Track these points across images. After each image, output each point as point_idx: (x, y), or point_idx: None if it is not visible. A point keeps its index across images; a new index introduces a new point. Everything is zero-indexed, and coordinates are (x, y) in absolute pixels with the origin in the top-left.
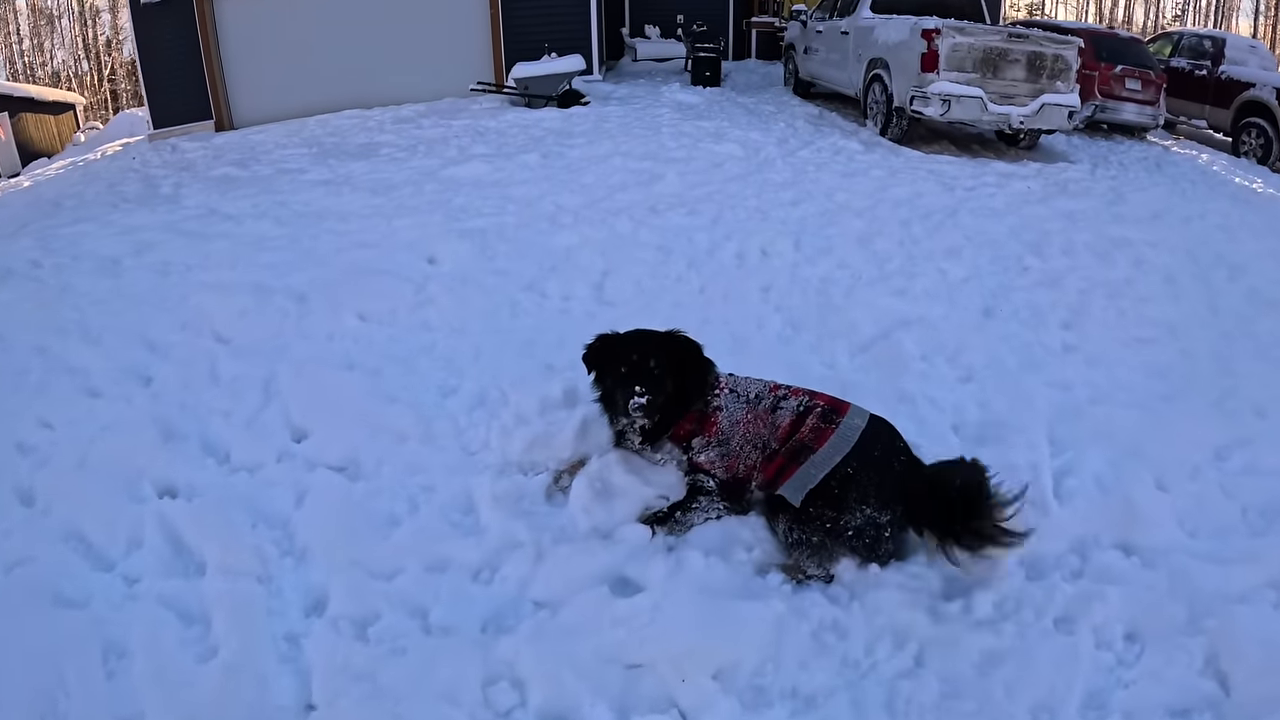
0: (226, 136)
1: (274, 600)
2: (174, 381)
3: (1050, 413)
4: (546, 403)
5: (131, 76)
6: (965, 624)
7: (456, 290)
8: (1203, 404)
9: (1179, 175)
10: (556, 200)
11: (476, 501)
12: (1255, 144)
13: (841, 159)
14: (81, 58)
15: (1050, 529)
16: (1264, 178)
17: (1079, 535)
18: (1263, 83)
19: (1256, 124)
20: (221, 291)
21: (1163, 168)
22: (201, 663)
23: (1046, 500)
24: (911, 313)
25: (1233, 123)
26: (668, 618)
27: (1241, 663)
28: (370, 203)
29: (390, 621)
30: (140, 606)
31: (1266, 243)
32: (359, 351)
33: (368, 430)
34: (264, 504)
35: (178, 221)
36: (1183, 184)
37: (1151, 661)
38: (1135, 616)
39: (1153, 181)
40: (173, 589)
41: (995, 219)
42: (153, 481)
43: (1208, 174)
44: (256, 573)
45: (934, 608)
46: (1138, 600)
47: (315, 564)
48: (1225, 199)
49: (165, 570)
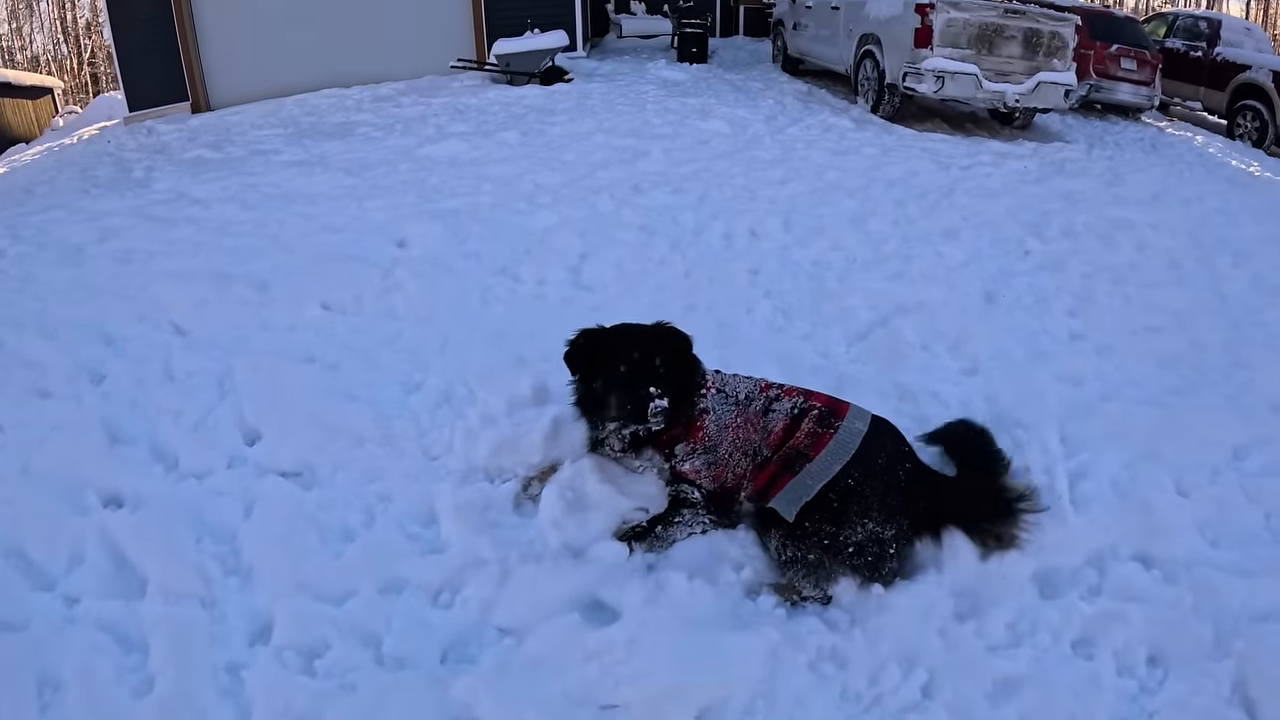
0: (203, 118)
1: (216, 626)
2: (127, 378)
3: (1061, 409)
4: (515, 401)
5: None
6: (978, 649)
7: (425, 275)
8: (1217, 399)
9: (1175, 157)
10: (535, 179)
11: (438, 512)
12: (1250, 127)
13: (832, 137)
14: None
15: (1067, 540)
16: (1260, 161)
17: (1096, 547)
18: (1259, 65)
19: (1252, 106)
20: (181, 280)
21: (1159, 149)
22: (138, 697)
23: (1063, 509)
24: (910, 298)
25: (1228, 105)
26: (646, 651)
27: (1271, 689)
28: (342, 183)
29: (340, 653)
30: (78, 631)
31: (1268, 228)
32: (320, 343)
33: (323, 432)
34: (211, 515)
35: (145, 206)
36: (1179, 166)
37: (1176, 689)
38: (1158, 638)
39: (1150, 162)
40: (112, 611)
41: (992, 199)
42: (98, 490)
43: (1204, 156)
44: (199, 594)
45: (944, 630)
46: (1160, 620)
47: (261, 585)
48: (1223, 182)
49: (106, 590)
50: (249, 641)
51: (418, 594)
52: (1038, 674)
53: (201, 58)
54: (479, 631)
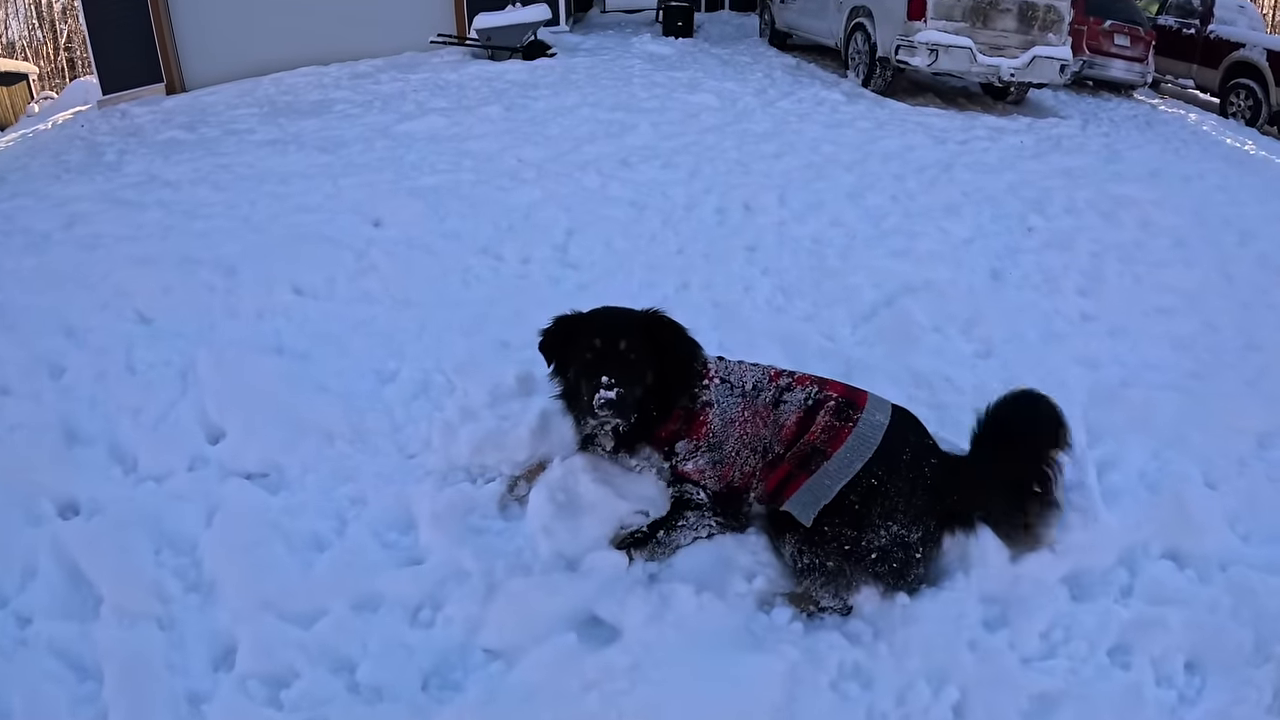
0: (178, 99)
1: (175, 652)
2: (87, 373)
3: (1083, 396)
4: (499, 391)
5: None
6: (1012, 661)
7: (402, 256)
8: (1236, 383)
9: (1170, 134)
10: (518, 154)
11: (416, 517)
12: (1243, 105)
13: (824, 110)
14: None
15: (1098, 538)
16: (1254, 139)
17: (1127, 544)
18: (1252, 43)
19: (1245, 85)
20: (147, 266)
21: (1153, 126)
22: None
23: (1094, 504)
24: (916, 276)
25: (1221, 83)
26: (652, 679)
27: None
28: (317, 162)
29: (309, 682)
30: (30, 656)
31: (1270, 207)
32: (290, 331)
33: (291, 428)
34: (170, 523)
35: (114, 190)
36: (1175, 143)
37: (1216, 698)
38: (1195, 644)
39: (1145, 139)
40: (66, 634)
41: (992, 175)
42: (53, 497)
43: (1199, 134)
44: (156, 614)
45: (975, 642)
46: (1199, 625)
47: (223, 603)
48: (1220, 160)
49: (60, 609)
50: (211, 667)
51: (395, 611)
52: (1075, 688)
53: (176, 38)
54: (464, 654)
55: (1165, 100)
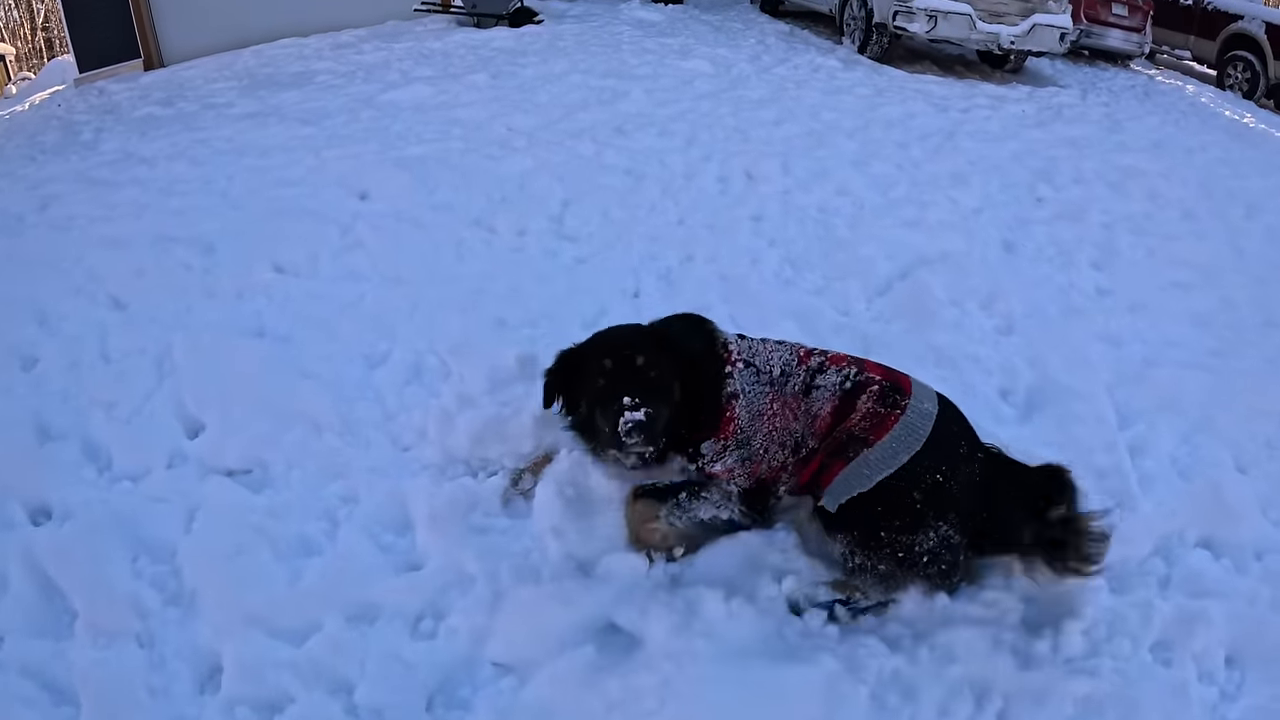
0: (155, 75)
1: (155, 674)
2: (59, 363)
3: (1109, 375)
4: (498, 375)
5: None
6: (1055, 666)
7: (390, 230)
8: (1258, 362)
9: (1169, 106)
10: (508, 122)
11: (412, 517)
12: (1241, 78)
13: (821, 77)
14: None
15: (1135, 528)
16: (1252, 112)
17: (1163, 533)
18: (1251, 15)
19: (1243, 57)
20: (120, 247)
21: (1151, 97)
22: None
23: (1131, 492)
24: (930, 248)
25: (1218, 55)
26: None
27: None
28: (299, 134)
29: (304, 706)
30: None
31: (1273, 180)
32: (271, 312)
33: (274, 419)
34: (147, 527)
35: (89, 169)
36: (1175, 114)
37: (1258, 694)
38: (1235, 637)
39: (1145, 110)
40: (39, 654)
41: (996, 143)
42: (23, 500)
43: (1197, 106)
44: (135, 631)
45: (1017, 646)
46: (1238, 618)
47: (205, 617)
48: (1220, 132)
49: (32, 625)
50: (196, 689)
51: (393, 624)
52: (1122, 691)
53: (153, 12)
54: (470, 669)
55: (1162, 71)
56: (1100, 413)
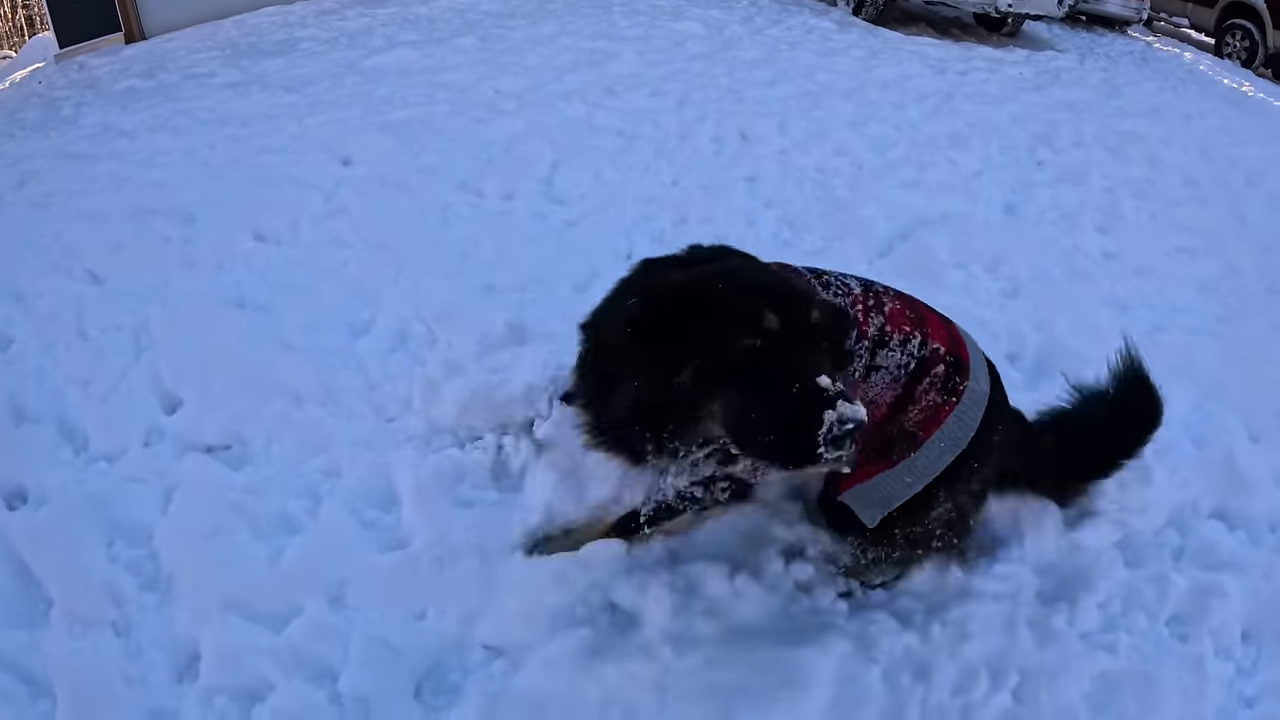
0: (136, 48)
1: (132, 662)
2: (35, 342)
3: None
4: (487, 340)
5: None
6: (1072, 640)
7: (374, 195)
8: (1265, 329)
9: (1167, 72)
10: (496, 85)
11: (398, 490)
12: (1239, 46)
13: (816, 38)
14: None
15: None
16: (1251, 81)
17: (1177, 504)
18: None
19: (1242, 26)
20: (98, 221)
21: (1149, 63)
22: None
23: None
24: (931, 209)
25: (1216, 23)
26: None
27: None
28: (281, 101)
29: (285, 694)
30: None
31: (1273, 149)
32: (252, 282)
33: (254, 392)
34: (123, 509)
35: (68, 144)
36: (1173, 81)
37: (1274, 670)
38: (1251, 611)
39: (1143, 76)
40: (16, 645)
41: (994, 106)
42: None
43: (1195, 73)
44: (111, 618)
45: (1033, 620)
46: (1254, 592)
47: (183, 601)
48: (1219, 99)
49: (10, 616)
50: (174, 678)
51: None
52: (1138, 666)
53: None
54: (460, 652)
55: (1159, 38)
56: None
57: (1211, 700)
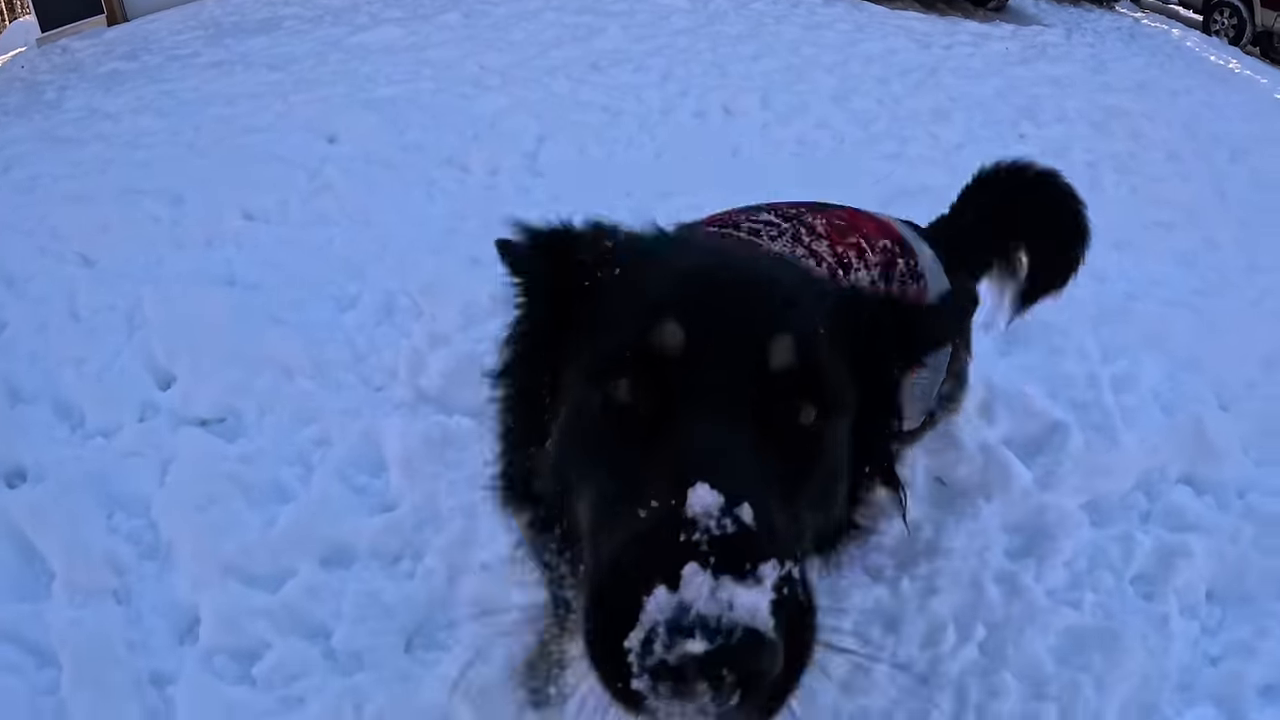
0: (119, 30)
1: (134, 628)
2: (28, 325)
3: (1093, 310)
4: (471, 312)
5: None
6: (1038, 596)
7: (359, 172)
8: (1242, 303)
9: (1154, 48)
10: (481, 61)
11: (386, 456)
12: (1227, 24)
13: (801, 12)
14: None
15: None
16: (1238, 58)
17: (1145, 469)
18: None
19: (1230, 4)
20: (85, 203)
21: (1137, 39)
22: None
23: (1114, 427)
24: (910, 181)
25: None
26: None
27: None
28: (265, 80)
29: (281, 652)
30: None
31: (1257, 125)
32: (241, 260)
33: (245, 366)
34: (121, 483)
35: (53, 128)
36: (1159, 57)
37: (1238, 630)
38: (1216, 573)
39: (1130, 52)
40: (20, 616)
41: (979, 80)
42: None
43: (1182, 49)
44: (112, 587)
45: (1000, 576)
46: (1219, 554)
47: (182, 569)
48: (1205, 76)
49: (14, 589)
50: (175, 642)
51: (370, 567)
52: (1103, 623)
53: None
54: (449, 608)
55: (1147, 15)
56: (1083, 347)
57: (1176, 657)
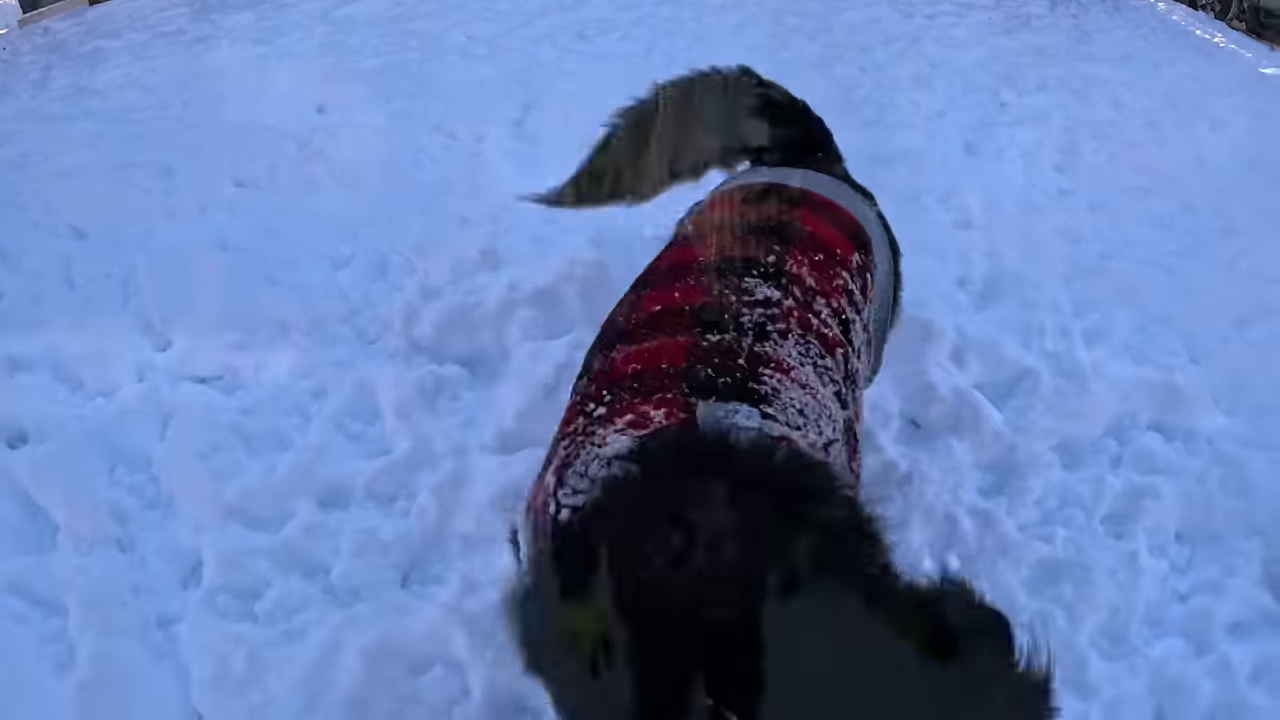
0: (101, 8)
1: (138, 573)
2: (23, 296)
3: (1065, 267)
4: (461, 267)
5: None
6: (1011, 530)
7: (348, 140)
8: (1216, 265)
9: (1139, 20)
10: (467, 30)
11: (380, 405)
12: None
13: None
14: None
15: (1086, 408)
16: (1224, 33)
17: (1115, 415)
18: None
19: None
20: (77, 178)
21: (1122, 11)
22: (62, 672)
23: (1083, 374)
24: (889, 147)
25: None
26: None
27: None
28: (253, 54)
29: (282, 590)
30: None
31: (1239, 99)
32: (234, 226)
33: (242, 326)
34: (122, 439)
35: (40, 107)
36: (1144, 29)
37: (1207, 569)
38: (1185, 514)
39: (1115, 24)
40: (25, 569)
41: (961, 49)
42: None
43: (1167, 22)
44: (115, 536)
45: (973, 510)
46: (1187, 495)
47: (184, 516)
48: (1190, 49)
49: (18, 544)
50: (179, 585)
51: (366, 506)
52: (1074, 557)
53: None
54: (441, 544)
55: None
56: (1056, 300)
57: (1144, 592)
